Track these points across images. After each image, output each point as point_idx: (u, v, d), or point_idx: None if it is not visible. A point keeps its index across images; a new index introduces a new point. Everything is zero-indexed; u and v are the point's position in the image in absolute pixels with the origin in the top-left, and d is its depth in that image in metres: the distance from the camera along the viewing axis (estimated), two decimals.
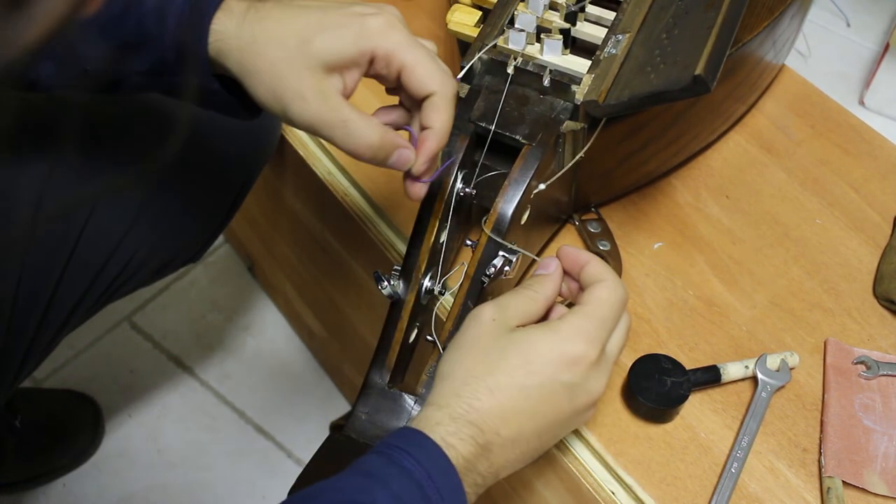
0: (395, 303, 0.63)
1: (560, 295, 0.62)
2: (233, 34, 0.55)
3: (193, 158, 0.77)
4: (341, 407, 1.15)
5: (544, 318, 0.60)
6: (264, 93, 0.55)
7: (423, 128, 0.58)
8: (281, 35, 0.54)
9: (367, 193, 0.84)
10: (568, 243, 0.80)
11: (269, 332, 1.22)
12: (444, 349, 0.61)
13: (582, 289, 0.61)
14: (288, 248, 1.08)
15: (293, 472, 1.12)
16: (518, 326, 0.57)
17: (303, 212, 0.98)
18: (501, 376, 0.54)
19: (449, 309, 0.64)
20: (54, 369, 1.16)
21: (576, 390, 0.56)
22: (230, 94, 0.58)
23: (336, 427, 0.66)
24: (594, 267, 0.60)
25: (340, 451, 0.58)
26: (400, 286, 0.63)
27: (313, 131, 0.56)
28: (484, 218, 0.64)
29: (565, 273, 0.62)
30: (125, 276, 0.76)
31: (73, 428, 1.10)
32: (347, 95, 0.57)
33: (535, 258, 0.64)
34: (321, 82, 0.55)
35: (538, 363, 0.55)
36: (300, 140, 0.90)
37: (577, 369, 0.55)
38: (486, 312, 0.57)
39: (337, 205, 0.86)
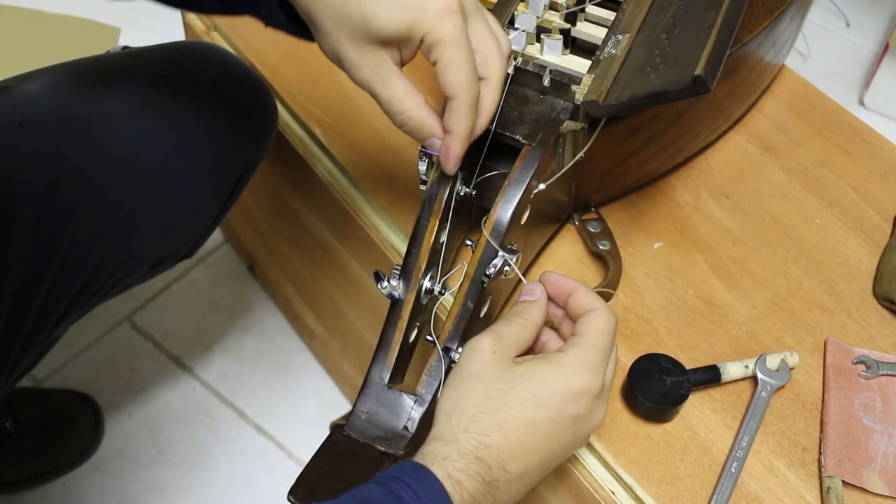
0: (395, 302, 0.63)
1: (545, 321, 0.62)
2: None
3: (189, 152, 0.77)
4: (341, 407, 1.15)
5: (534, 343, 0.61)
6: (326, 49, 0.58)
7: (445, 130, 0.59)
8: (343, 5, 0.55)
9: (367, 193, 0.84)
10: (567, 243, 0.80)
11: (269, 332, 1.22)
12: (442, 350, 0.61)
13: (569, 315, 0.62)
14: (288, 247, 1.08)
15: (293, 472, 1.12)
16: (517, 356, 0.58)
17: (303, 211, 0.98)
18: (510, 412, 0.54)
19: (449, 309, 0.64)
20: (54, 369, 1.16)
21: (580, 422, 0.56)
22: (295, 22, 0.59)
23: (336, 427, 0.66)
24: (584, 295, 0.60)
25: (340, 450, 0.58)
26: (400, 286, 0.63)
27: (367, 91, 0.58)
28: (484, 218, 0.64)
29: (549, 299, 0.62)
30: (121, 273, 0.76)
31: (74, 428, 1.10)
32: (403, 63, 0.58)
33: (522, 278, 0.64)
34: (376, 54, 0.56)
35: (546, 397, 0.55)
36: (300, 140, 0.90)
37: (584, 401, 0.56)
38: (486, 344, 0.56)
39: (337, 204, 0.86)
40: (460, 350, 0.61)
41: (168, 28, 1.52)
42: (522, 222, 0.66)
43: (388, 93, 0.57)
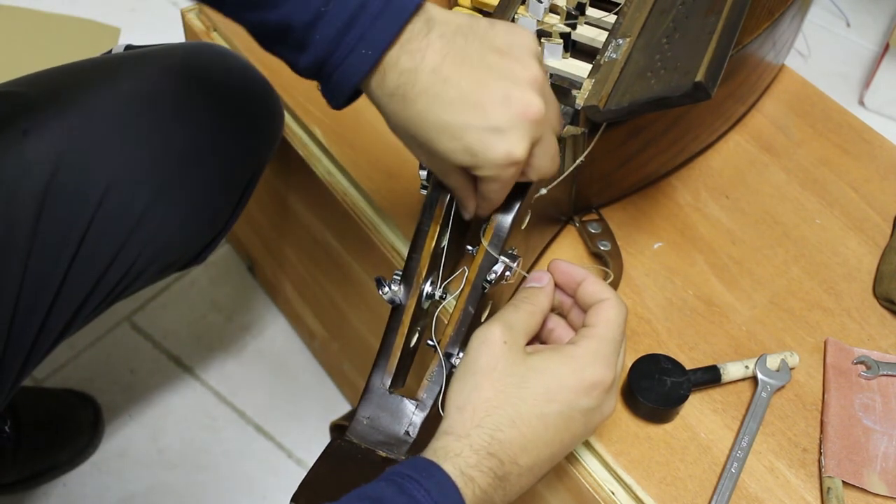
0: (396, 308, 0.63)
1: (552, 308, 0.62)
2: (380, 99, 0.56)
3: (198, 159, 0.77)
4: (341, 407, 1.15)
5: (540, 330, 0.61)
6: (395, 136, 0.60)
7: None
8: (417, 127, 0.56)
9: (366, 194, 0.84)
10: (568, 244, 0.80)
11: (269, 332, 1.22)
12: (443, 355, 0.61)
13: (578, 304, 0.62)
14: (288, 248, 1.08)
15: (293, 472, 1.12)
16: (527, 345, 0.58)
17: (303, 212, 0.98)
18: (523, 405, 0.54)
19: (451, 313, 0.63)
20: (54, 369, 1.16)
21: (591, 414, 0.57)
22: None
23: (336, 427, 0.65)
24: (594, 284, 0.60)
25: (342, 455, 0.58)
26: (401, 291, 0.63)
27: None
28: (484, 225, 0.64)
29: (557, 287, 0.62)
30: (128, 280, 0.76)
31: (73, 428, 1.10)
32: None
33: (525, 274, 0.64)
34: (442, 160, 0.58)
35: (558, 391, 0.55)
36: (300, 140, 0.90)
37: (596, 393, 0.56)
38: (496, 335, 0.56)
39: (337, 205, 0.86)
40: (461, 355, 0.61)
41: (168, 28, 1.52)
42: (523, 227, 0.66)
43: (448, 182, 0.61)
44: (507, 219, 0.63)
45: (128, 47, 0.85)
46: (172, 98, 0.77)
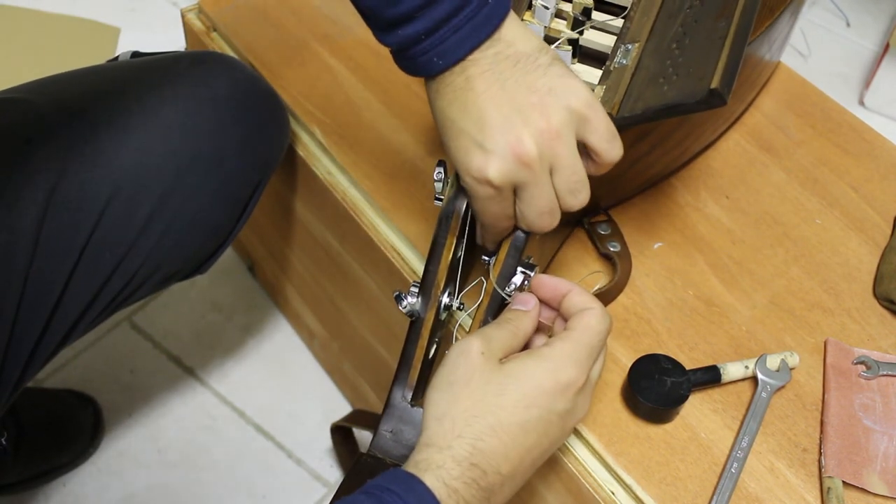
0: (415, 321, 0.63)
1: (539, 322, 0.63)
2: (432, 98, 0.62)
3: (202, 169, 0.77)
4: (341, 407, 1.15)
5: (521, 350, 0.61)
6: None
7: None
8: (436, 114, 0.62)
9: (366, 193, 0.84)
10: (575, 247, 0.80)
11: (269, 332, 1.22)
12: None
13: (562, 316, 0.62)
14: (288, 248, 1.08)
15: (293, 472, 1.12)
16: (502, 359, 0.58)
17: (303, 212, 0.98)
18: (503, 414, 0.54)
19: (470, 324, 0.63)
20: (54, 369, 1.16)
21: (567, 416, 0.57)
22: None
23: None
24: (580, 296, 0.60)
25: (369, 471, 0.58)
26: (418, 304, 0.63)
27: None
28: (492, 260, 0.64)
29: (543, 302, 0.62)
30: (129, 290, 0.75)
31: (74, 428, 1.10)
32: None
33: (507, 299, 0.64)
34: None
35: (536, 395, 0.55)
36: (300, 140, 0.90)
37: (568, 394, 0.56)
38: (475, 347, 0.56)
39: (337, 205, 0.86)
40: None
41: (168, 28, 1.52)
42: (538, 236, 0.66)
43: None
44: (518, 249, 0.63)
45: (134, 54, 0.85)
46: (177, 108, 0.76)
